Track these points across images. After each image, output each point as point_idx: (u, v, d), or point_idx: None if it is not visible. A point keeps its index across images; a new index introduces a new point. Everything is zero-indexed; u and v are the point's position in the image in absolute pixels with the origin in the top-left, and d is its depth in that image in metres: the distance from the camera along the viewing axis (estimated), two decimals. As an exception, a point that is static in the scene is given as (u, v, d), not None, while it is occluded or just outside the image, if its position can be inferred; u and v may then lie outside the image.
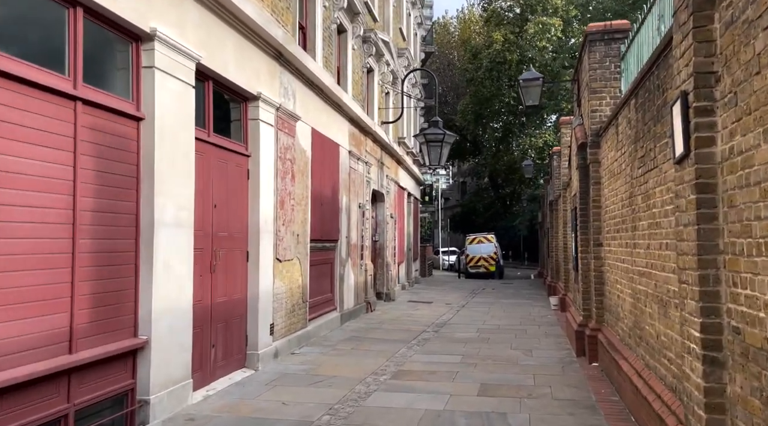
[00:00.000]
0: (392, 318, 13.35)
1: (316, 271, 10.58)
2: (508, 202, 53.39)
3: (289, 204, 8.91)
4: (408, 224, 22.15)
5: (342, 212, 12.09)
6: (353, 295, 12.98)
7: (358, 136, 13.47)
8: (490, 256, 31.55)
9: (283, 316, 8.76)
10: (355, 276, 13.13)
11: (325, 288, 11.22)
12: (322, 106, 10.72)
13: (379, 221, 16.80)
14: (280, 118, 8.59)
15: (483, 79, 39.66)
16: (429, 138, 15.43)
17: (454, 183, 74.62)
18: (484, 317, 13.79)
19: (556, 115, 36.53)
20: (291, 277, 9.08)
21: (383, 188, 16.51)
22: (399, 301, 17.10)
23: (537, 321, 13.16)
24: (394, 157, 18.23)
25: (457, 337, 10.87)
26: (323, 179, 10.79)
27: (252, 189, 7.85)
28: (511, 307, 15.93)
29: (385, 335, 10.90)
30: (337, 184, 11.77)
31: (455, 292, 20.94)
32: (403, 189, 20.34)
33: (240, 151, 7.64)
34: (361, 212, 13.70)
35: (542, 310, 15.40)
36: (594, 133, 8.48)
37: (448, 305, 16.33)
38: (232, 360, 7.38)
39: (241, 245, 7.64)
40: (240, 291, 7.60)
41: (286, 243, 8.79)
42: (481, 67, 39.16)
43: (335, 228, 11.63)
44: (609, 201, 7.65)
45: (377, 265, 16.64)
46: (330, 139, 11.23)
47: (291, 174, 9.02)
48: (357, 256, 13.37)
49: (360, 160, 13.59)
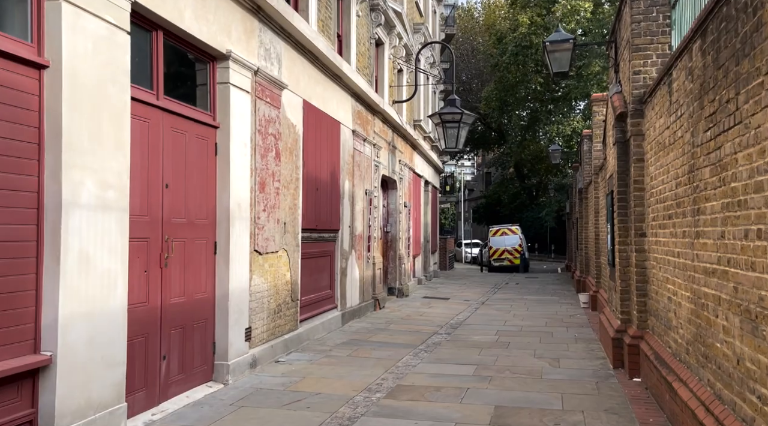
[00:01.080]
0: (402, 317, 11.99)
1: (310, 265, 9.28)
2: (535, 192, 51.69)
3: (272, 187, 7.60)
4: (425, 214, 20.74)
5: (344, 199, 10.75)
6: (358, 291, 11.66)
7: (364, 114, 12.10)
8: (514, 248, 30.01)
9: (265, 317, 7.47)
10: (360, 270, 11.81)
11: (323, 284, 9.91)
12: (317, 76, 9.37)
13: (391, 210, 15.44)
14: (259, 85, 7.26)
15: (508, 64, 37.82)
16: (445, 118, 14.04)
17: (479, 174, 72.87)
18: (505, 316, 12.37)
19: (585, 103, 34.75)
20: (275, 272, 7.78)
21: (395, 174, 15.13)
22: (413, 297, 15.74)
23: (565, 322, 11.69)
24: (409, 141, 16.82)
25: (472, 340, 9.48)
26: (319, 160, 9.46)
27: (221, 167, 6.54)
28: (536, 305, 14.47)
29: (390, 338, 9.56)
30: (338, 166, 10.43)
31: (476, 287, 19.51)
32: (419, 176, 18.94)
33: (205, 120, 6.33)
34: (368, 199, 12.36)
35: (570, 308, 13.91)
36: (636, 99, 6.99)
37: (467, 302, 14.93)
38: (193, 373, 6.10)
39: (206, 234, 6.34)
40: (205, 289, 6.32)
41: (267, 232, 7.48)
42: (506, 52, 37.32)
43: (335, 216, 10.30)
44: (656, 181, 6.18)
45: (388, 258, 15.29)
46: (328, 115, 9.89)
47: (275, 152, 7.70)
48: (363, 248, 12.04)
49: (367, 141, 12.23)
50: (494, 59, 40.19)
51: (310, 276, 9.30)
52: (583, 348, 8.85)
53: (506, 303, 14.85)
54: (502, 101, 39.81)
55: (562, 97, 36.81)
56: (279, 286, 7.89)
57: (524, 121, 42.86)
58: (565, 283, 21.65)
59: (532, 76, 37.94)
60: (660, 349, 5.94)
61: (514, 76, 37.47)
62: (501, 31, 39.83)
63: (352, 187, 11.33)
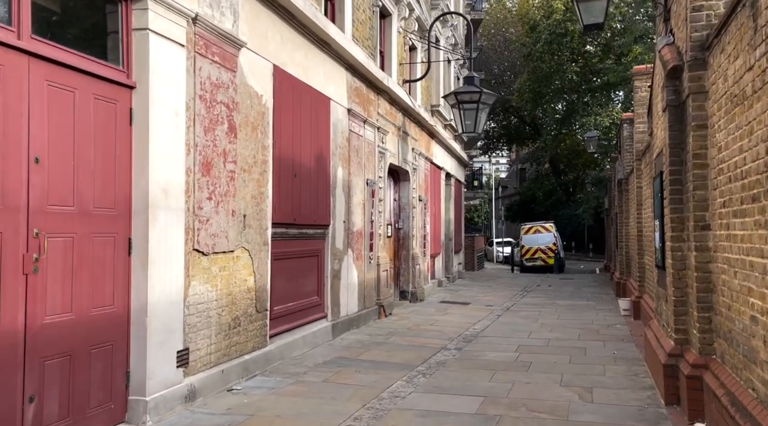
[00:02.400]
0: (408, 327, 10.31)
1: (287, 268, 7.68)
2: (571, 188, 49.39)
3: (222, 169, 6.01)
4: (447, 210, 18.99)
5: (335, 189, 9.12)
6: (356, 297, 10.02)
7: (363, 92, 10.45)
8: (548, 247, 27.99)
9: (213, 335, 5.88)
10: (359, 272, 10.17)
11: (307, 290, 8.29)
12: (296, 39, 7.76)
13: (403, 204, 13.76)
14: (201, 39, 5.68)
15: (542, 53, 35.61)
16: (462, 98, 12.35)
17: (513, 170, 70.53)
18: (530, 326, 10.57)
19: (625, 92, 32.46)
20: (230, 277, 6.19)
21: (407, 164, 13.44)
22: (428, 301, 14.03)
23: (602, 334, 9.84)
24: (425, 128, 15.11)
25: (485, 359, 7.76)
26: (299, 141, 7.85)
27: (138, 140, 4.97)
28: (569, 312, 12.61)
29: (385, 355, 7.90)
30: (327, 150, 8.80)
31: (502, 289, 17.67)
32: (438, 168, 17.20)
33: (112, 77, 4.77)
34: (369, 191, 10.70)
35: (609, 316, 12.02)
36: (697, 45, 5.19)
37: (489, 308, 13.15)
38: (90, 416, 4.54)
39: (115, 228, 4.78)
40: (112, 302, 4.75)
41: (216, 227, 5.89)
42: (539, 41, 35.05)
43: (323, 209, 8.68)
44: (729, 151, 4.38)
45: (400, 258, 13.61)
46: (312, 88, 8.27)
47: (227, 125, 6.11)
48: (363, 246, 10.39)
49: (368, 123, 10.58)
50: (527, 49, 38.04)
51: (288, 281, 7.70)
52: (623, 372, 7.03)
53: (534, 309, 13.03)
54: (536, 93, 37.66)
55: (600, 86, 34.56)
56: (236, 295, 6.29)
57: (559, 114, 40.61)
58: (603, 285, 19.64)
59: (567, 65, 35.75)
60: (737, 388, 4.15)
61: (549, 65, 35.36)
62: (534, 20, 37.56)
63: (348, 175, 9.69)
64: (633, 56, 29.74)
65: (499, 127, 51.17)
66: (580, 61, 36.23)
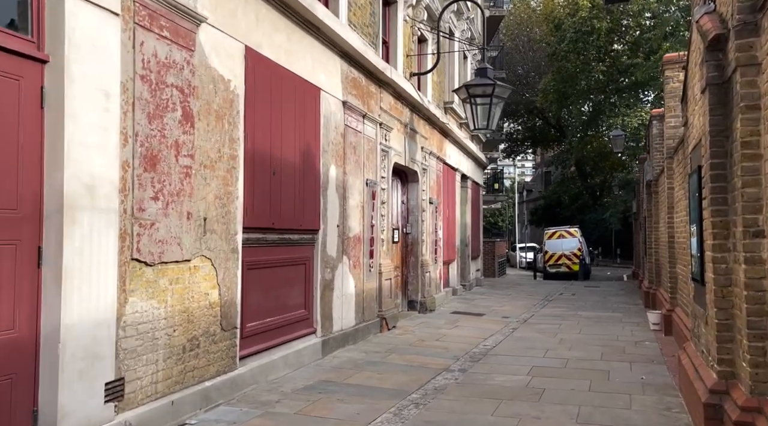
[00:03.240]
0: (412, 342, 9.30)
1: (265, 278, 6.75)
2: (598, 192, 47.91)
3: (174, 164, 5.10)
4: (462, 214, 17.93)
5: (327, 190, 8.18)
6: (353, 309, 9.06)
7: (363, 84, 9.51)
8: (573, 253, 26.72)
9: (162, 359, 4.97)
10: (357, 282, 9.21)
11: (291, 302, 7.35)
12: (277, 20, 6.84)
13: (411, 207, 12.77)
14: (144, 8, 4.78)
15: (567, 52, 34.20)
16: (474, 92, 11.34)
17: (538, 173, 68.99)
18: (548, 342, 9.49)
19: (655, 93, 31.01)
20: (185, 290, 5.27)
21: (416, 164, 12.45)
22: (439, 312, 13.00)
23: (628, 352, 8.73)
24: (437, 126, 14.10)
25: (492, 385, 6.73)
26: (279, 134, 6.93)
27: (52, 126, 4.08)
28: (592, 325, 11.48)
29: (377, 378, 6.91)
30: (315, 146, 7.87)
31: (522, 298, 16.54)
32: (453, 169, 16.16)
33: (15, 48, 3.89)
34: (369, 192, 9.74)
35: (637, 330, 10.87)
36: (747, 5, 4.13)
37: (504, 320, 12.08)
38: (-20, 465, 3.67)
39: (14, 234, 3.89)
40: (12, 324, 3.86)
41: (163, 232, 4.98)
42: (564, 39, 33.67)
43: (311, 212, 7.74)
44: (793, 133, 3.32)
45: (408, 266, 12.62)
46: (297, 75, 7.35)
47: (182, 113, 5.20)
48: (362, 253, 9.43)
49: (368, 118, 9.63)
50: (551, 48, 36.74)
51: (266, 293, 6.77)
52: (653, 404, 5.95)
53: (554, 321, 11.92)
54: (561, 93, 36.29)
55: (628, 86, 33.14)
56: (194, 311, 5.38)
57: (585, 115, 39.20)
58: (631, 293, 18.38)
59: (593, 64, 34.36)
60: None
61: (574, 65, 34.05)
62: (559, 18, 36.26)
63: (343, 175, 8.75)
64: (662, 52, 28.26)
65: (523, 130, 49.94)
66: (607, 60, 34.76)
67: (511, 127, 50.27)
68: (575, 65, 34.57)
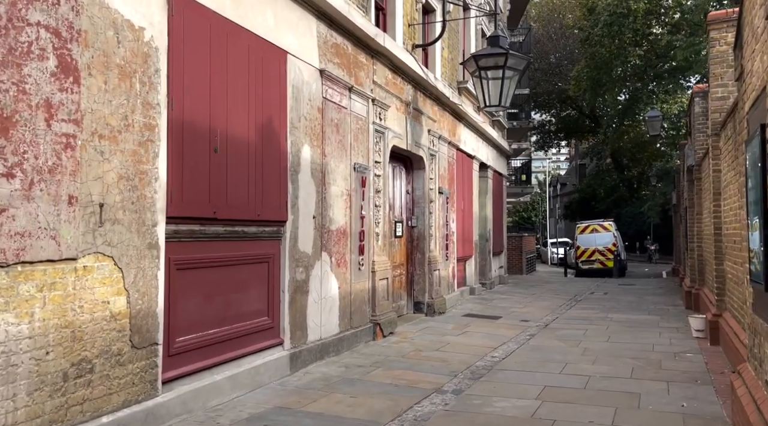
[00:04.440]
0: (406, 353, 7.93)
1: (206, 280, 5.46)
2: (635, 184, 45.74)
3: (45, 130, 3.83)
4: (482, 206, 16.43)
5: (297, 174, 6.87)
6: (336, 314, 7.73)
7: (349, 52, 8.17)
8: (607, 248, 24.95)
9: (24, 393, 3.70)
10: (342, 283, 7.89)
11: (246, 309, 6.05)
12: (218, -39, 5.55)
13: (417, 198, 11.37)
14: None
15: (601, 36, 32.08)
16: (484, 64, 9.90)
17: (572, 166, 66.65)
18: (568, 353, 8.02)
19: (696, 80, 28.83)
20: (68, 299, 4.00)
21: (421, 148, 11.05)
22: (451, 314, 11.59)
23: (665, 368, 7.21)
24: (447, 107, 12.67)
25: (488, 413, 5.33)
26: (224, 103, 5.62)
27: None
28: (623, 331, 9.94)
29: (347, 404, 5.57)
30: (280, 120, 6.56)
31: (547, 298, 14.99)
32: (469, 156, 14.69)
33: None
34: (358, 178, 8.40)
35: (676, 338, 9.30)
36: None
37: (522, 324, 10.61)
38: None
39: None
40: None
41: (24, 221, 3.71)
42: (598, 23, 31.55)
43: (273, 200, 6.43)
44: None
45: (414, 263, 11.24)
46: (252, 32, 6.03)
47: (59, 63, 3.93)
48: (349, 249, 8.10)
49: (356, 93, 8.29)
50: (584, 33, 34.70)
51: (208, 299, 5.49)
52: (698, 448, 4.48)
53: (580, 326, 10.40)
54: (595, 81, 34.21)
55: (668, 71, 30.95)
56: (84, 326, 4.12)
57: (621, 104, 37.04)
58: (671, 292, 16.65)
59: (629, 49, 32.25)
60: None
61: (608, 50, 31.97)
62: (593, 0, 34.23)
63: (322, 156, 7.43)
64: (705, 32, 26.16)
65: (556, 120, 47.98)
66: (645, 44, 32.52)
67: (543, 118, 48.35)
68: (610, 50, 32.46)
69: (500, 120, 17.91)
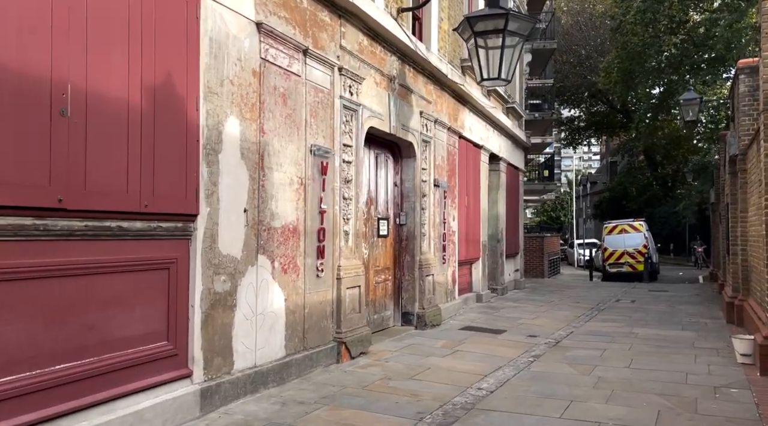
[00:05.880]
0: (369, 382, 6.29)
1: (52, 295, 3.91)
2: (670, 183, 43.26)
3: None
4: (493, 203, 14.68)
5: (216, 154, 5.29)
6: (281, 333, 6.14)
7: (303, 6, 6.57)
8: (637, 250, 22.98)
9: None
10: (291, 293, 6.29)
11: (131, 332, 4.47)
12: None
13: (406, 191, 9.72)
14: None
15: (633, 24, 29.74)
16: (480, 28, 8.24)
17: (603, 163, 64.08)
18: (576, 385, 6.29)
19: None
20: None
21: (410, 133, 9.41)
22: (447, 326, 9.90)
23: (703, 411, 5.43)
24: (446, 87, 10.98)
25: (442, 495, 3.68)
26: (80, 48, 4.06)
27: None
28: (651, 352, 8.14)
29: (249, 470, 3.98)
30: (190, 83, 4.97)
31: (565, 307, 13.18)
32: (476, 146, 12.97)
33: None
34: (316, 164, 6.80)
35: (717, 363, 7.48)
36: None
37: (529, 341, 8.89)
38: None
39: None
40: None
41: None
42: (630, 10, 29.20)
43: (175, 186, 4.85)
44: None
45: (402, 267, 9.60)
46: (136, -40, 4.48)
47: None
48: (302, 251, 6.51)
49: (313, 57, 6.69)
50: (615, 21, 32.42)
51: (54, 322, 3.92)
52: None
53: (597, 344, 8.64)
54: (626, 72, 31.87)
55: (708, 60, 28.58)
56: None
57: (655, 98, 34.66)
58: (709, 301, 14.67)
59: (664, 38, 29.92)
60: None
61: (641, 39, 29.65)
62: (625, -14, 31.86)
63: (260, 134, 5.85)
64: (750, 16, 23.74)
65: (586, 115, 45.76)
66: (681, 32, 30.06)
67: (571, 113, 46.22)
68: (643, 39, 30.06)
69: (515, 107, 16.12)
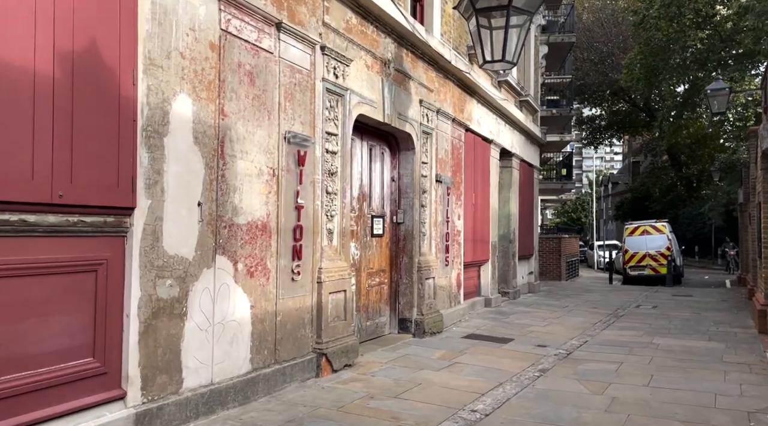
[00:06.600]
0: (347, 403, 5.50)
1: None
2: (695, 183, 41.83)
3: None
4: (505, 201, 13.81)
5: (161, 138, 4.55)
6: (247, 345, 5.39)
7: (275, -27, 5.82)
8: (660, 252, 21.85)
9: None
10: (257, 301, 5.53)
11: (41, 348, 3.76)
12: None
13: (404, 187, 8.92)
14: None
15: (657, 18, 28.46)
16: (483, 5, 7.41)
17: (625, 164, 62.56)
18: (585, 408, 5.43)
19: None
20: None
21: (408, 123, 8.61)
22: (447, 334, 9.08)
23: (736, 446, 4.58)
24: (451, 75, 10.16)
25: None
26: None
27: None
28: (673, 366, 7.24)
29: None
30: (125, 50, 4.24)
31: (581, 312, 12.26)
32: (485, 140, 12.12)
33: None
34: (291, 153, 6.03)
35: (748, 382, 6.56)
36: None
37: (537, 351, 8.03)
38: None
39: None
40: None
41: None
42: (654, 3, 27.92)
43: (105, 173, 4.12)
44: None
45: (399, 269, 8.80)
46: None
47: None
48: (274, 252, 5.74)
49: (288, 32, 5.93)
50: (638, 16, 31.17)
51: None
52: None
53: (613, 357, 7.75)
54: (649, 69, 30.59)
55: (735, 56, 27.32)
56: None
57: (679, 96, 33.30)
58: (737, 308, 13.63)
59: (690, 33, 28.65)
60: None
61: (665, 34, 28.42)
62: (649, -22, 30.55)
63: (219, 116, 5.10)
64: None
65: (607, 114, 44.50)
66: (707, 27, 28.72)
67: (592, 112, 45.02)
68: (667, 34, 28.78)
69: (530, 101, 15.23)
